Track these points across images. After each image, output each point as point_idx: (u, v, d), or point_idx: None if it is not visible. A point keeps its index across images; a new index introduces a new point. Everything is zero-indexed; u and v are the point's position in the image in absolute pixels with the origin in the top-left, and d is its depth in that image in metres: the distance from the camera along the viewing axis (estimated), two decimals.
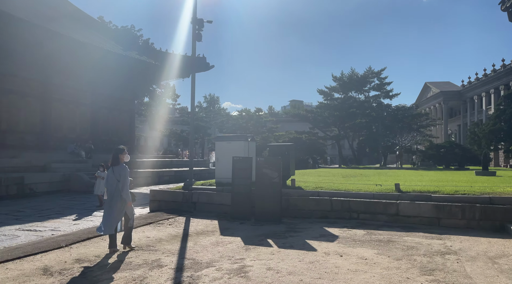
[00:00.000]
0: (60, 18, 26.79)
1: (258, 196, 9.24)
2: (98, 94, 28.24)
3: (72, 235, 7.49)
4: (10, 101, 21.93)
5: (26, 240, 8.27)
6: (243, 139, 11.28)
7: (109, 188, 6.49)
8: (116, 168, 6.47)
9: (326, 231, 8.10)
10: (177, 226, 8.69)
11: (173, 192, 11.02)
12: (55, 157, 21.37)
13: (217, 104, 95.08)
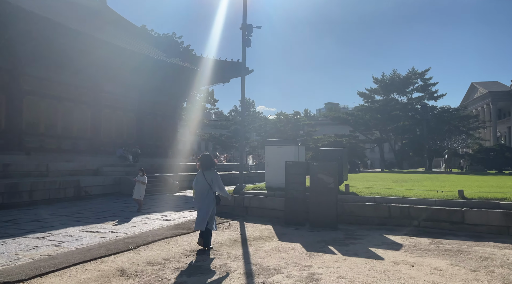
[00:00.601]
0: (105, 26, 28.13)
1: (313, 201, 9.12)
2: (144, 101, 29.30)
3: (137, 237, 7.74)
4: (65, 108, 23.25)
5: (91, 241, 8.66)
6: (293, 143, 11.22)
7: (198, 190, 7.07)
8: (206, 172, 7.09)
9: (387, 238, 7.83)
10: (233, 230, 8.75)
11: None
12: (106, 161, 22.36)
13: (252, 108, 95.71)
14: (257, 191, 11.10)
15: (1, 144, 19.65)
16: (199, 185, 7.04)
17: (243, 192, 11.08)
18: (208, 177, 7.04)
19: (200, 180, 7.06)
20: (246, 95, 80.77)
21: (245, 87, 12.37)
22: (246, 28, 11.40)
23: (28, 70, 20.93)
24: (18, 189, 14.31)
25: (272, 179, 11.28)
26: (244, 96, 11.94)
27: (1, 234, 9.59)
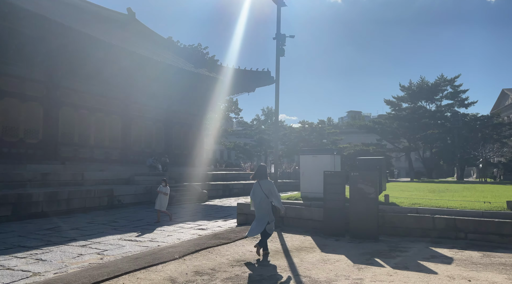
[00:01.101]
0: (134, 38, 28.97)
1: (353, 212, 8.94)
2: (171, 110, 29.87)
3: (179, 246, 7.78)
4: (97, 119, 23.98)
5: (132, 250, 8.79)
6: (329, 152, 11.09)
7: (255, 199, 7.38)
8: (263, 182, 7.41)
9: (435, 251, 7.55)
10: (273, 241, 8.67)
11: None
12: (137, 170, 22.80)
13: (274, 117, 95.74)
14: (292, 201, 11.00)
15: (39, 154, 20.41)
16: (256, 194, 7.36)
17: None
18: (265, 187, 7.32)
19: (257, 190, 7.38)
20: (268, 104, 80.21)
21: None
22: (280, 37, 11.43)
23: (64, 82, 21.75)
24: (56, 198, 14.76)
25: (307, 188, 11.16)
26: (278, 107, 11.95)
27: (45, 241, 9.88)
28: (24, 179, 15.61)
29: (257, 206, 7.31)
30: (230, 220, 13.92)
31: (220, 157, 69.46)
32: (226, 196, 24.66)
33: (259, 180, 7.43)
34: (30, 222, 13.14)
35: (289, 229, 10.09)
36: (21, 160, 19.25)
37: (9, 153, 19.10)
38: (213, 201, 21.83)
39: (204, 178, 26.44)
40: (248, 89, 33.63)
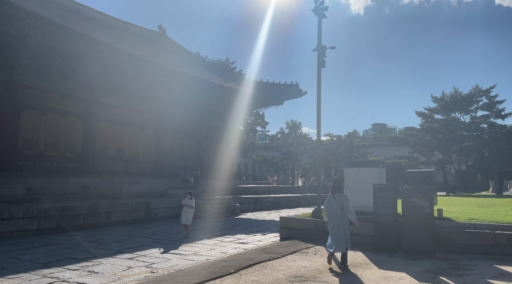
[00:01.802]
0: (166, 54, 29.71)
1: (406, 227, 8.57)
2: (202, 124, 30.22)
3: (231, 261, 7.65)
4: (132, 133, 24.52)
5: (179, 263, 8.73)
6: (375, 165, 10.79)
7: (330, 212, 7.62)
8: (337, 195, 7.64)
9: (502, 270, 7.09)
10: (323, 256, 8.41)
11: (303, 220, 10.85)
12: (170, 184, 23.01)
13: (299, 129, 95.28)
14: None
15: (78, 168, 20.99)
16: (331, 207, 7.61)
17: (322, 216, 10.72)
18: (339, 200, 7.56)
19: (332, 203, 7.62)
20: (292, 117, 79.68)
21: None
22: (321, 49, 11.36)
23: (101, 98, 22.43)
24: (97, 211, 15.02)
25: (352, 202, 10.81)
26: (319, 119, 11.77)
27: (92, 254, 9.99)
28: (67, 192, 16.02)
29: (331, 219, 7.57)
30: (268, 234, 13.71)
31: (245, 171, 69.45)
32: (258, 209, 24.45)
33: (334, 193, 7.68)
34: (73, 234, 13.38)
35: None
36: (61, 174, 19.83)
37: (51, 166, 19.73)
38: (245, 214, 21.67)
39: (235, 191, 26.40)
40: (277, 102, 33.66)
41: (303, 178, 46.86)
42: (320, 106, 11.48)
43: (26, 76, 18.59)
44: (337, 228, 7.45)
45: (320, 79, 11.44)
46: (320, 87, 11.41)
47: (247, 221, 18.28)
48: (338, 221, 7.46)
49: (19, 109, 18.45)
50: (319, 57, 11.41)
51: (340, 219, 7.47)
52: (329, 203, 7.71)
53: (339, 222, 7.45)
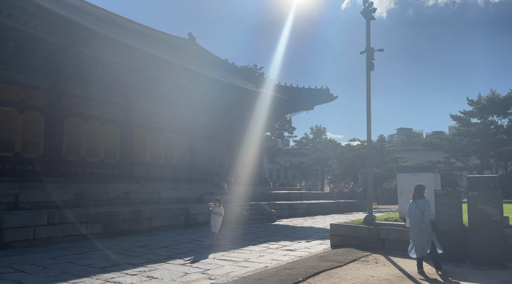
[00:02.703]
0: (197, 61, 30.04)
1: (474, 236, 8.14)
2: (233, 130, 30.34)
3: (294, 268, 7.47)
4: (167, 139, 24.87)
5: (233, 270, 8.61)
6: (430, 170, 10.39)
7: (412, 218, 7.69)
8: (419, 201, 7.68)
9: None
10: (386, 265, 8.09)
11: (356, 227, 10.55)
12: (205, 189, 23.10)
13: (323, 135, 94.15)
14: (392, 222, 10.34)
15: (116, 173, 21.41)
16: (412, 213, 7.67)
17: (376, 223, 10.40)
18: (421, 206, 7.57)
19: (413, 208, 7.68)
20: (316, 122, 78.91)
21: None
22: (370, 51, 11.10)
23: (138, 105, 22.89)
24: (140, 216, 15.18)
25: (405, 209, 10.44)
26: (370, 123, 11.47)
27: (145, 259, 10.04)
28: (110, 198, 16.31)
29: (413, 224, 7.61)
30: (313, 241, 13.46)
31: (270, 176, 69.10)
32: (292, 215, 24.15)
33: (415, 199, 7.72)
34: (119, 239, 13.55)
35: (394, 252, 9.42)
36: (101, 179, 20.28)
37: (91, 172, 20.21)
38: (281, 220, 21.43)
39: (268, 197, 26.22)
40: (307, 107, 33.37)
41: (332, 184, 46.16)
42: (370, 110, 11.19)
43: (69, 84, 19.19)
44: (419, 233, 7.50)
45: (369, 82, 11.17)
46: (370, 90, 11.14)
47: (285, 228, 18.04)
48: (420, 226, 7.49)
49: (62, 117, 19.03)
50: (368, 60, 11.15)
51: (421, 224, 7.48)
52: (410, 209, 7.74)
53: (423, 229, 7.47)
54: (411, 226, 7.67)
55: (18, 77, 17.27)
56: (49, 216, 12.20)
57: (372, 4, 10.93)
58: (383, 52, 11.43)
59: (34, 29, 15.80)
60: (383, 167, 43.53)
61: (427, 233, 7.46)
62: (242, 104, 28.75)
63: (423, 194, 7.77)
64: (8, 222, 11.18)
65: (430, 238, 7.48)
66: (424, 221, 7.43)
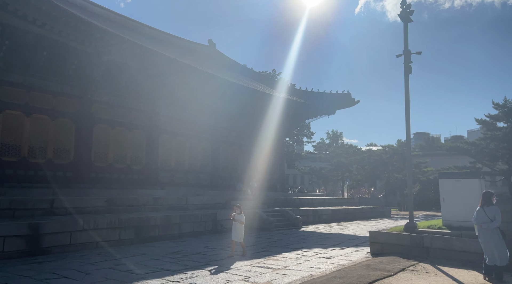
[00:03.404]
0: (219, 68, 30.18)
1: None
2: (255, 135, 30.22)
3: (345, 278, 7.27)
4: (191, 145, 24.97)
5: (276, 278, 8.43)
6: (475, 176, 10.04)
7: (478, 224, 7.60)
8: (488, 208, 7.52)
9: None
10: (437, 275, 7.80)
11: (397, 235, 10.26)
12: (229, 195, 23.03)
13: (340, 140, 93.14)
14: (436, 230, 10.01)
15: (142, 179, 21.57)
16: (480, 221, 7.54)
17: (419, 231, 10.09)
18: (490, 213, 7.45)
19: (481, 215, 7.54)
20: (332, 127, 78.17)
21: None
22: (407, 54, 10.88)
23: (163, 111, 23.06)
24: (170, 222, 15.18)
25: (450, 216, 10.13)
26: (409, 127, 11.20)
27: (182, 265, 9.96)
28: (140, 203, 16.39)
29: (481, 232, 7.52)
30: (346, 248, 13.17)
31: (287, 182, 68.61)
32: (316, 222, 23.82)
33: (483, 206, 7.60)
34: (151, 245, 13.55)
35: (441, 262, 9.10)
36: (127, 185, 20.44)
37: (119, 178, 20.41)
38: (307, 227, 21.15)
39: (291, 203, 25.98)
40: (328, 112, 33.10)
41: (352, 189, 45.50)
42: (409, 113, 10.92)
43: (97, 92, 19.48)
44: (488, 241, 7.40)
45: (408, 86, 10.93)
46: (409, 94, 10.89)
47: (313, 234, 17.78)
48: (489, 234, 7.38)
49: (91, 124, 19.31)
50: (406, 63, 10.93)
51: (492, 232, 7.35)
52: (478, 216, 7.62)
53: (491, 236, 7.35)
54: (479, 235, 7.54)
55: (50, 85, 17.62)
56: (84, 221, 12.30)
57: (410, 6, 10.73)
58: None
59: (66, 38, 16.14)
60: (404, 172, 42.68)
61: (496, 241, 7.29)
62: (263, 109, 28.68)
63: (491, 201, 7.58)
64: (46, 228, 11.31)
65: (502, 245, 7.32)
66: (496, 229, 7.33)
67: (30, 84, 17.02)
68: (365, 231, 19.34)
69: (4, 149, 16.02)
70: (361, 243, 14.65)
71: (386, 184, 42.38)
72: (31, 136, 16.99)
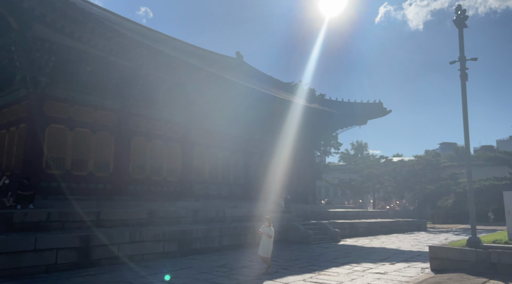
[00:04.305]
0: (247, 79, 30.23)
1: None
2: (285, 146, 29.85)
3: None
4: (224, 157, 24.94)
5: None
6: None
7: None
8: None
9: None
10: None
11: (461, 250, 9.70)
12: (262, 207, 22.72)
13: (365, 150, 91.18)
14: (503, 245, 9.41)
15: (178, 191, 21.62)
16: None
17: (485, 246, 9.51)
18: None
19: None
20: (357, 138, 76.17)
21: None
22: (463, 60, 10.46)
23: (198, 123, 23.18)
24: (210, 234, 15.04)
25: None
26: (468, 137, 10.70)
27: (234, 280, 9.75)
28: (180, 216, 16.35)
29: None
30: (397, 263, 12.63)
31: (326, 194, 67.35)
32: (353, 235, 23.13)
33: None
34: (194, 258, 13.40)
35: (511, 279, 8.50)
36: (164, 197, 20.52)
37: (155, 190, 20.53)
38: (345, 240, 20.55)
39: (326, 215, 25.40)
40: (360, 122, 32.53)
41: (382, 201, 44.27)
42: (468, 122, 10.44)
43: (135, 105, 19.79)
44: None
45: (465, 93, 10.48)
46: (466, 101, 10.44)
47: (355, 248, 17.21)
48: None
49: (129, 136, 19.59)
50: (462, 70, 10.50)
51: None
52: None
53: None
54: None
55: (92, 99, 18.05)
56: (131, 234, 12.31)
57: (465, 12, 10.37)
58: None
59: (109, 53, 16.55)
60: (438, 183, 41.28)
61: None
62: (294, 120, 28.44)
63: None
64: (95, 240, 11.37)
65: None
66: None
67: (73, 98, 17.48)
68: (407, 245, 18.59)
69: (49, 162, 16.41)
70: (410, 258, 14.03)
71: (419, 195, 41.01)
72: (74, 149, 17.36)
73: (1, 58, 15.74)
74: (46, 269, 10.25)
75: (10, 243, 9.71)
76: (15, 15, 14.04)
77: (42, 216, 12.00)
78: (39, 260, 10.09)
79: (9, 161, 17.12)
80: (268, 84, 34.80)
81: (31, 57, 15.24)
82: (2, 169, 17.46)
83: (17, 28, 14.46)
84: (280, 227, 19.09)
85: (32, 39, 14.69)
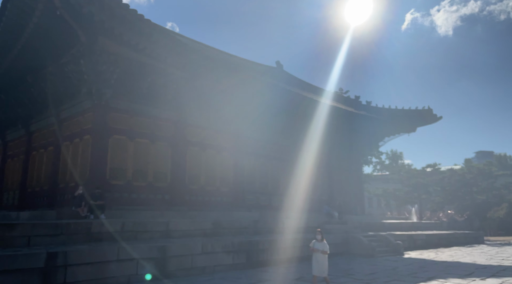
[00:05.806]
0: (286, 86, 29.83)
1: None
2: (333, 157, 29.18)
3: None
4: (274, 166, 24.56)
5: None
6: None
7: None
8: None
9: None
10: None
11: None
12: (316, 218, 22.01)
13: (400, 160, 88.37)
14: None
15: (230, 201, 21.36)
16: None
17: None
18: None
19: None
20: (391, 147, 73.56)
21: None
22: None
23: (248, 133, 22.82)
24: (275, 246, 14.57)
25: None
26: None
27: None
28: (242, 226, 16.03)
29: None
30: (487, 279, 11.66)
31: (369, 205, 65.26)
32: (412, 248, 21.92)
33: None
34: (263, 270, 12.96)
35: None
36: (217, 207, 20.29)
37: (210, 200, 20.35)
38: (408, 253, 19.49)
39: (380, 227, 24.36)
40: (409, 130, 31.32)
41: (427, 212, 42.20)
42: None
43: (190, 115, 19.84)
44: None
45: None
46: None
47: (425, 262, 16.19)
48: None
49: (185, 147, 19.60)
50: None
51: None
52: None
53: None
54: None
55: (151, 111, 18.24)
56: (203, 245, 12.06)
57: None
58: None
59: (167, 64, 16.70)
60: (490, 193, 38.98)
61: None
62: (342, 129, 27.77)
63: None
64: (172, 250, 11.19)
65: None
66: None
67: (133, 110, 17.71)
68: (481, 259, 17.23)
69: (113, 173, 16.59)
70: (496, 273, 12.95)
71: (470, 206, 38.80)
72: (134, 160, 17.51)
73: (69, 72, 16.19)
74: (128, 279, 10.12)
75: (96, 253, 9.66)
76: (83, 27, 14.36)
77: (117, 226, 11.98)
78: (122, 270, 10.00)
79: (74, 172, 17.47)
80: (309, 92, 34.36)
81: (98, 70, 15.57)
82: (66, 180, 17.84)
83: (85, 41, 14.83)
84: (341, 239, 18.36)
85: (99, 51, 15.03)
